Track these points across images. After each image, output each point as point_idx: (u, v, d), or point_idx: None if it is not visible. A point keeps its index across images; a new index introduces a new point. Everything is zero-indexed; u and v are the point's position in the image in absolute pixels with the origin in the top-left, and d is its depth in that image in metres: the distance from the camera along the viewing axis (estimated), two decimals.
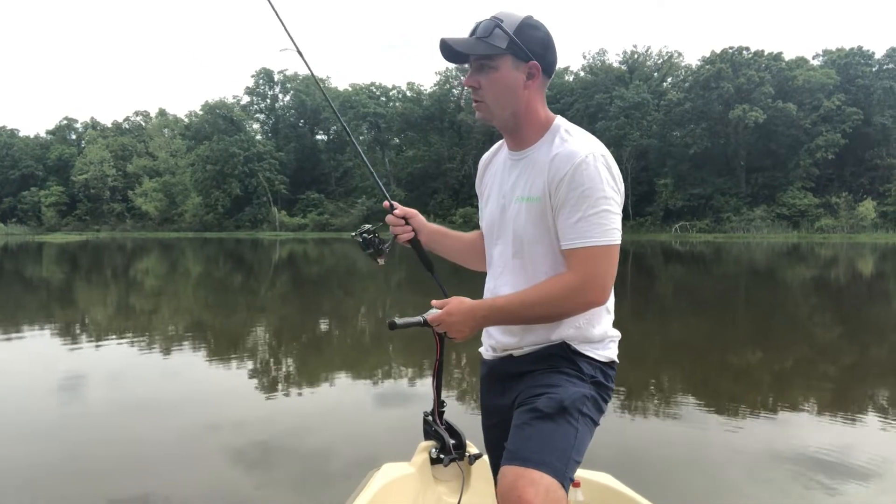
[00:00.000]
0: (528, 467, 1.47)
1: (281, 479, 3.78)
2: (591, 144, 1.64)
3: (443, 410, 2.36)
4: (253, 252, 35.56)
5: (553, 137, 1.70)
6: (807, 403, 5.56)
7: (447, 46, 1.67)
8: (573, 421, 1.59)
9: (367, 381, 6.41)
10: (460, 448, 2.32)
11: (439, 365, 2.33)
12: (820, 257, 27.78)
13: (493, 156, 1.94)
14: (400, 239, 2.00)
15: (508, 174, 1.79)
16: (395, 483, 2.19)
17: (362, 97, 72.04)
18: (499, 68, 1.66)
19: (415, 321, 2.30)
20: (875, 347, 8.37)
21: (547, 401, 1.60)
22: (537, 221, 1.67)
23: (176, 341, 8.59)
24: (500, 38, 1.63)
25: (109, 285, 17.59)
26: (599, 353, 1.72)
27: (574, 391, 1.63)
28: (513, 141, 1.79)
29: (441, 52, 1.70)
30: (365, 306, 12.08)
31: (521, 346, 1.74)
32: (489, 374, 1.88)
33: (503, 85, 1.67)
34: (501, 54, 1.64)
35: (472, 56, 1.68)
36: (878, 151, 52.50)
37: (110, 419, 5.04)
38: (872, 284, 16.94)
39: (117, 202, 79.82)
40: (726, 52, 55.27)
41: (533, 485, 1.44)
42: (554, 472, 1.47)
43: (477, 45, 1.65)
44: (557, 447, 1.53)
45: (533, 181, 1.68)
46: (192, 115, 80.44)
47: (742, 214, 51.62)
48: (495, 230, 1.81)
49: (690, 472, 3.93)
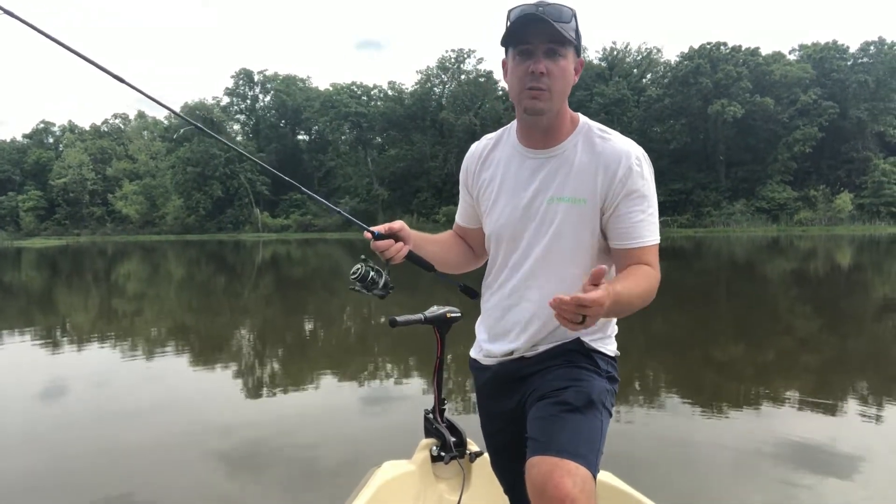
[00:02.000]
0: (564, 458, 1.45)
1: (280, 479, 3.78)
2: (635, 144, 1.65)
3: (444, 408, 2.37)
4: (236, 254, 35.30)
5: (588, 136, 1.65)
6: (794, 395, 5.64)
7: (533, 17, 1.53)
8: (599, 414, 1.59)
9: (366, 381, 6.39)
10: (461, 446, 2.32)
11: (440, 363, 2.36)
12: (800, 250, 28.14)
13: (492, 149, 1.81)
14: (396, 260, 1.73)
15: (531, 173, 1.69)
16: (395, 480, 2.20)
17: (343, 97, 71.68)
18: (567, 57, 1.60)
19: (415, 319, 2.29)
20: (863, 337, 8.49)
21: (575, 393, 1.59)
22: (581, 222, 1.63)
23: (177, 346, 8.53)
24: (572, 28, 1.58)
25: (90, 290, 17.39)
26: (609, 347, 1.75)
27: (598, 385, 1.64)
28: (542, 137, 1.68)
29: (514, 24, 1.55)
30: (351, 306, 12.04)
31: (537, 347, 1.71)
32: (494, 379, 1.81)
33: (568, 76, 1.61)
34: (571, 44, 1.59)
35: (548, 39, 1.55)
36: (854, 144, 53.27)
37: (92, 426, 4.97)
38: (851, 276, 17.20)
39: (97, 206, 78.86)
40: (704, 48, 55.76)
41: (570, 475, 1.42)
42: (588, 465, 1.46)
43: (566, 29, 1.56)
44: (588, 439, 1.52)
45: (574, 182, 1.63)
46: (172, 116, 79.68)
47: (722, 209, 52.16)
48: (516, 233, 1.71)
49: (689, 470, 3.95)
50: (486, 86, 66.15)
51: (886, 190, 49.12)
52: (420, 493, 2.25)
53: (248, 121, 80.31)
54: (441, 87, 69.11)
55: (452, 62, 68.22)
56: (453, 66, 68.16)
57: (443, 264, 1.91)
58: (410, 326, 2.31)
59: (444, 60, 68.54)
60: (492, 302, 1.81)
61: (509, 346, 1.74)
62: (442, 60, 68.68)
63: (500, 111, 62.86)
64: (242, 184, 69.30)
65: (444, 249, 1.93)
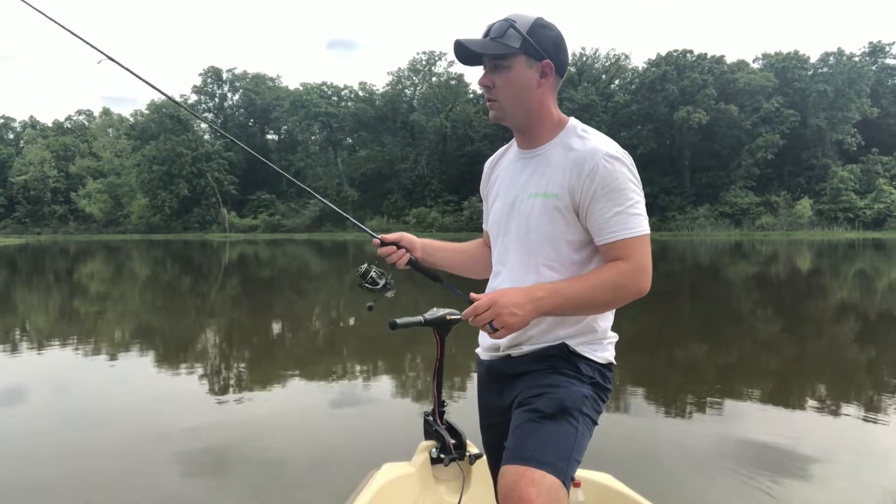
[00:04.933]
0: (530, 466, 1.47)
1: (280, 479, 3.77)
2: (612, 143, 1.69)
3: (443, 410, 2.37)
4: (202, 254, 34.81)
5: (570, 136, 1.72)
6: (756, 394, 5.79)
7: (462, 47, 1.67)
8: (573, 421, 1.59)
9: (366, 381, 6.39)
10: (461, 448, 2.32)
11: (440, 365, 2.36)
12: (762, 254, 28.80)
13: (500, 157, 1.95)
14: (399, 265, 1.93)
15: (519, 172, 1.79)
16: (395, 483, 2.19)
17: (313, 96, 71.16)
18: (512, 68, 1.67)
19: (415, 321, 2.29)
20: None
21: (547, 401, 1.61)
22: (553, 217, 1.68)
23: (180, 348, 8.41)
24: (513, 38, 1.64)
25: (51, 290, 17.02)
26: (598, 354, 1.73)
27: (574, 391, 1.64)
28: (525, 139, 1.80)
29: (455, 54, 1.70)
30: (351, 306, 12.00)
31: (521, 346, 1.73)
32: (487, 374, 1.86)
33: (517, 84, 1.68)
34: (515, 54, 1.65)
35: (486, 56, 1.68)
36: (814, 152, 54.71)
37: (52, 430, 4.82)
38: (811, 279, 17.68)
39: (59, 204, 77.05)
40: (671, 55, 56.74)
41: (535, 484, 1.44)
42: (555, 472, 1.47)
43: (491, 46, 1.65)
44: (559, 447, 1.53)
45: (549, 178, 1.69)
46: (138, 114, 78.24)
47: (687, 213, 53.09)
48: (502, 227, 1.81)
49: (687, 470, 3.97)
50: (457, 88, 66.36)
51: (844, 196, 50.53)
52: (419, 495, 2.24)
53: (215, 119, 79.17)
54: (412, 88, 69.10)
55: (423, 64, 68.29)
56: (424, 68, 68.24)
57: (459, 269, 2.06)
58: (410, 328, 2.31)
59: (416, 62, 68.61)
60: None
61: (492, 343, 1.78)
62: (413, 62, 68.75)
63: (470, 114, 63.09)
64: (210, 183, 68.35)
65: (464, 256, 2.07)
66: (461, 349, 6.61)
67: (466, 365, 6.37)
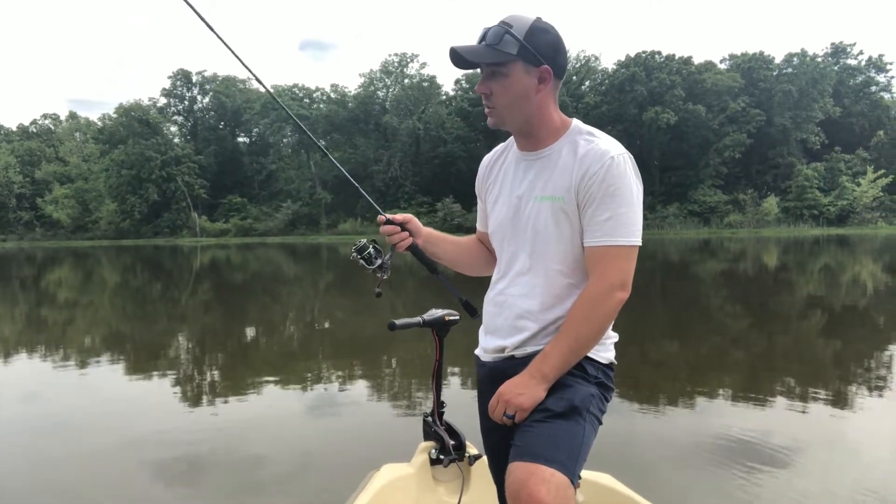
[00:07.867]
0: (540, 464, 1.47)
1: (280, 480, 3.78)
2: (619, 145, 1.66)
3: (442, 411, 2.37)
4: (173, 259, 34.35)
5: (576, 138, 1.70)
6: (727, 390, 5.93)
7: (457, 55, 1.63)
8: (581, 420, 1.60)
9: (365, 382, 6.39)
10: (460, 449, 2.32)
11: (439, 366, 2.36)
12: (730, 251, 29.31)
13: (498, 156, 1.90)
14: (399, 247, 1.89)
15: (523, 175, 1.76)
16: (394, 483, 2.20)
17: (285, 99, 70.46)
18: (510, 74, 1.63)
19: (414, 322, 2.31)
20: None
21: (557, 400, 1.61)
22: (559, 220, 1.67)
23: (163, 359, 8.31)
24: (510, 43, 1.61)
25: (17, 297, 16.70)
26: (601, 354, 1.73)
27: (583, 391, 1.64)
28: (526, 142, 1.77)
29: (451, 60, 1.66)
30: (350, 308, 11.96)
31: (525, 347, 1.73)
32: (489, 376, 1.83)
33: (515, 91, 1.65)
34: (512, 60, 1.62)
35: (482, 63, 1.65)
36: (780, 150, 55.92)
37: (21, 439, 4.74)
38: (778, 275, 18.07)
39: (25, 210, 75.35)
40: (640, 56, 57.55)
41: (544, 482, 1.44)
42: (564, 470, 1.47)
43: (487, 53, 1.62)
44: (568, 445, 1.54)
45: (555, 180, 1.67)
46: (106, 118, 76.88)
47: (656, 212, 53.84)
48: (508, 231, 1.79)
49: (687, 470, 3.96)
50: (430, 90, 66.37)
51: (808, 194, 51.74)
52: (419, 496, 2.24)
53: (185, 122, 78.20)
54: (385, 90, 68.96)
55: (396, 66, 68.20)
56: (396, 69, 68.14)
57: (457, 264, 2.04)
58: (409, 329, 2.31)
59: (388, 64, 68.46)
60: (489, 298, 1.87)
61: (500, 343, 1.78)
62: (385, 64, 68.60)
63: (443, 115, 63.16)
64: (180, 187, 67.42)
65: (461, 250, 2.03)
66: (460, 350, 6.66)
67: (466, 366, 6.34)
